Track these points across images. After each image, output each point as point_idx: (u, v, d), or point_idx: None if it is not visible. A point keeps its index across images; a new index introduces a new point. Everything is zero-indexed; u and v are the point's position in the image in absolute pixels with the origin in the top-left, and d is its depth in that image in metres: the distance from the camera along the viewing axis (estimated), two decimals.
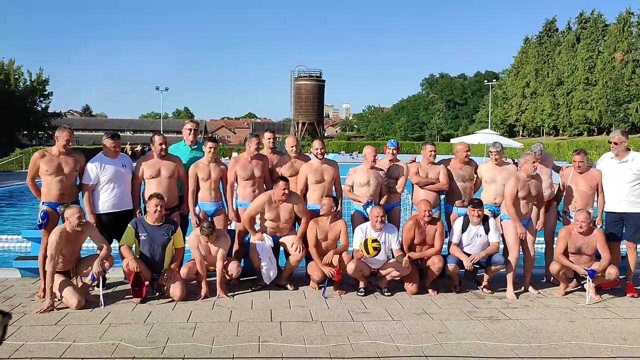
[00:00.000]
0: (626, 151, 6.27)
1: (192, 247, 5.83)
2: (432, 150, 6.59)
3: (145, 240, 5.67)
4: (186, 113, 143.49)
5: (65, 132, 5.75)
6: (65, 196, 5.71)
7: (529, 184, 6.07)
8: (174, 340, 4.50)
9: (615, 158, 6.29)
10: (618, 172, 6.22)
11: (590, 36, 64.43)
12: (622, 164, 6.22)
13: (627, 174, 6.17)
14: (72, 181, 5.83)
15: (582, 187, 6.30)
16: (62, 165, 5.71)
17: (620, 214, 6.22)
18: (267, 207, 6.01)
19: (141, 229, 5.67)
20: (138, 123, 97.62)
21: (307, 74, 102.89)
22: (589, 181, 6.31)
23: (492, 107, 76.22)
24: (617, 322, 5.20)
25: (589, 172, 6.36)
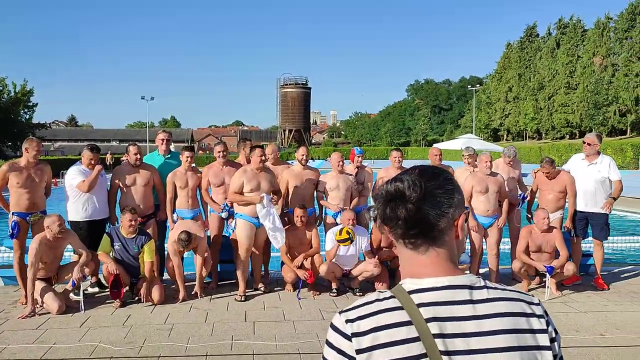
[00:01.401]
0: (597, 154, 6.58)
1: (171, 253, 6.05)
2: (397, 156, 6.89)
3: (120, 249, 5.90)
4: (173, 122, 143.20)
5: (34, 143, 5.94)
6: (35, 206, 5.93)
7: (487, 180, 6.40)
8: (151, 341, 4.73)
9: (585, 160, 6.62)
10: (586, 174, 6.53)
11: (570, 41, 65.59)
12: (591, 166, 6.54)
13: (594, 176, 6.48)
14: (42, 191, 6.06)
15: (554, 191, 6.62)
16: (32, 176, 5.91)
17: (586, 213, 6.55)
18: (245, 179, 6.03)
19: (115, 239, 5.88)
20: (124, 133, 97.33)
21: (293, 82, 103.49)
22: (560, 185, 6.63)
23: (476, 112, 77.11)
24: (572, 315, 5.51)
25: (560, 176, 6.68)
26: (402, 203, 1.08)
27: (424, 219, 1.08)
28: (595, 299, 6.08)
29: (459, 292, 1.08)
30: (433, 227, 1.09)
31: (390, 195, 1.11)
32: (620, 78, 55.76)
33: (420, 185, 1.08)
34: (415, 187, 1.08)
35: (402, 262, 1.15)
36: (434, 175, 1.12)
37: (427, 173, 1.13)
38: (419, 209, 1.08)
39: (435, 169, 1.15)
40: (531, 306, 1.10)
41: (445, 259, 1.11)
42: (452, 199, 1.11)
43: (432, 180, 1.11)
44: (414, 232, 1.09)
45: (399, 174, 1.14)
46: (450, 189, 1.12)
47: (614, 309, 5.71)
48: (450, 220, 1.10)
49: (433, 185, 1.10)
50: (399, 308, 1.06)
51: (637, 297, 6.16)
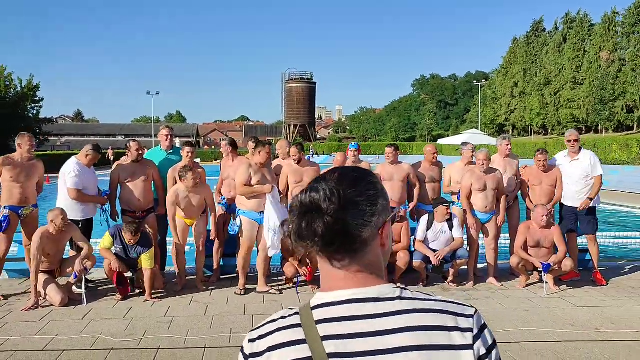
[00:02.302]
0: (579, 150, 6.70)
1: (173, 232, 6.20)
2: (389, 152, 6.94)
3: (119, 251, 5.95)
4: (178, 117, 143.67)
5: (26, 138, 6.04)
6: (27, 200, 6.04)
7: (485, 177, 6.44)
8: (151, 333, 4.81)
9: (567, 156, 6.72)
10: (571, 170, 6.66)
11: (577, 36, 65.13)
12: (574, 162, 6.68)
13: (578, 171, 6.62)
14: (34, 187, 6.18)
15: (545, 185, 6.68)
16: (26, 171, 6.01)
17: (574, 208, 6.62)
18: (252, 172, 6.04)
19: (117, 242, 5.92)
20: (130, 128, 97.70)
21: (298, 76, 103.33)
22: (551, 179, 6.70)
23: (482, 107, 76.83)
24: (568, 310, 5.55)
25: (552, 170, 6.74)
26: (318, 216, 0.96)
27: (344, 231, 0.96)
28: (592, 294, 6.12)
29: (362, 305, 0.98)
30: (355, 239, 0.98)
31: (304, 208, 0.98)
32: (627, 73, 55.37)
33: (339, 194, 0.97)
34: (332, 197, 0.97)
35: (321, 275, 1.05)
36: (355, 181, 1.02)
37: (347, 178, 1.02)
38: (337, 220, 0.96)
39: (356, 172, 1.05)
40: (457, 318, 0.98)
41: (361, 270, 1.00)
42: (375, 206, 1.01)
43: (352, 186, 1.00)
44: (333, 247, 0.97)
45: (314, 181, 1.02)
46: (373, 194, 1.01)
47: (610, 304, 5.74)
48: (374, 229, 1.00)
49: (353, 193, 0.99)
50: (297, 325, 0.99)
51: (635, 292, 6.19)
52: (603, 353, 4.35)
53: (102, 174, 6.85)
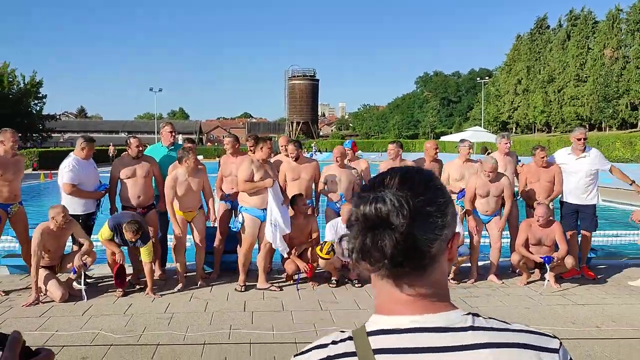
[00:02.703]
0: (584, 148, 6.71)
1: None
2: (392, 149, 6.95)
3: (120, 243, 5.94)
4: (181, 113, 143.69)
5: (9, 134, 5.94)
6: (15, 197, 6.04)
7: (490, 185, 6.43)
8: (151, 329, 4.82)
9: (572, 154, 6.69)
10: (577, 167, 6.63)
11: (581, 33, 64.92)
12: (580, 159, 6.65)
13: (585, 169, 6.59)
14: (19, 183, 6.16)
15: (543, 181, 6.67)
16: (12, 167, 5.97)
17: (575, 205, 6.63)
18: (254, 168, 6.04)
19: (117, 236, 5.90)
20: (133, 124, 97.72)
21: (301, 74, 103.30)
22: (549, 175, 6.69)
23: (485, 105, 76.68)
24: (569, 307, 5.53)
25: (550, 167, 6.73)
26: (386, 232, 0.82)
27: (413, 247, 0.83)
28: (593, 292, 6.10)
29: (429, 336, 0.85)
30: (424, 255, 0.85)
31: (369, 222, 0.84)
32: (631, 70, 55.17)
33: (408, 204, 0.83)
34: (402, 208, 0.83)
35: (375, 292, 0.92)
36: (422, 186, 0.87)
37: (413, 183, 0.87)
38: (408, 236, 0.83)
39: (421, 175, 0.90)
40: (541, 354, 0.85)
41: (427, 291, 0.87)
42: (447, 216, 0.87)
43: (420, 194, 0.86)
44: (403, 268, 0.85)
45: (373, 188, 0.88)
46: (443, 202, 0.87)
47: (611, 301, 5.72)
48: (443, 242, 0.87)
49: (423, 202, 0.85)
50: (351, 354, 0.86)
51: (636, 290, 6.17)
52: (604, 351, 4.33)
53: (102, 170, 6.84)
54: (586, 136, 6.78)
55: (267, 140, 6.15)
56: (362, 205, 0.86)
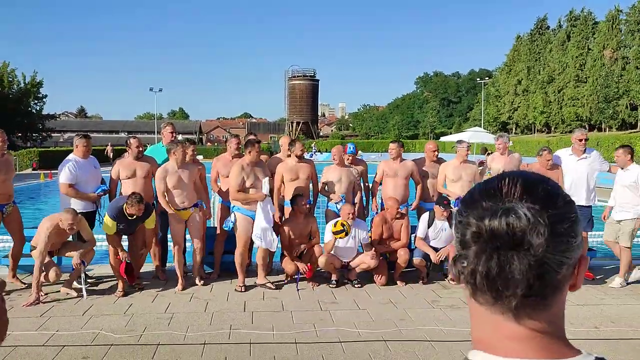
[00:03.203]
0: (585, 149, 6.78)
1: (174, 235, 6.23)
2: (394, 148, 6.96)
3: (123, 228, 5.97)
4: (181, 113, 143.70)
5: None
6: (9, 197, 6.07)
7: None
8: (151, 329, 4.83)
9: (573, 154, 6.73)
10: (577, 168, 6.69)
11: (581, 34, 64.95)
12: (581, 160, 6.70)
13: (586, 169, 6.66)
14: (11, 182, 6.16)
15: None
16: (4, 167, 5.99)
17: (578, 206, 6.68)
18: (245, 175, 6.11)
19: (120, 221, 5.91)
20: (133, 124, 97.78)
21: (301, 74, 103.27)
22: (553, 178, 6.70)
23: (485, 105, 76.68)
24: (568, 308, 5.49)
25: (554, 169, 6.76)
26: (518, 255, 0.68)
27: (543, 274, 0.70)
28: (592, 292, 6.11)
29: None
30: (549, 283, 0.71)
31: (499, 241, 0.69)
32: (631, 71, 55.19)
33: (544, 221, 0.69)
34: (539, 225, 0.69)
35: (475, 318, 0.76)
36: (552, 198, 0.73)
37: (540, 194, 0.72)
38: (541, 262, 0.69)
39: (546, 185, 0.75)
40: None
41: (545, 328, 0.72)
42: (578, 236, 0.73)
43: (552, 206, 0.72)
44: (531, 299, 0.71)
45: (493, 197, 0.73)
46: (575, 218, 0.73)
47: (610, 302, 5.74)
48: (571, 267, 0.72)
49: (556, 217, 0.71)
50: None
51: (635, 291, 6.19)
52: (602, 351, 4.34)
53: (103, 170, 6.84)
54: (587, 137, 6.83)
55: (254, 143, 6.16)
56: (487, 218, 0.70)
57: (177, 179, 6.09)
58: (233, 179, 6.08)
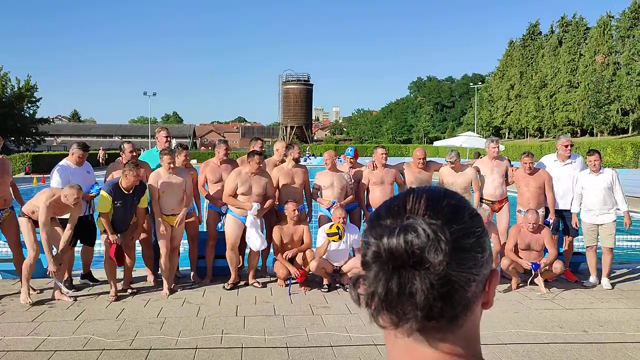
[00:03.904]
0: (570, 154, 6.91)
1: None
2: (383, 153, 6.96)
3: (119, 207, 5.94)
4: (175, 118, 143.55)
5: None
6: (5, 202, 6.06)
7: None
8: (143, 334, 4.84)
9: (558, 160, 6.85)
10: (562, 173, 6.82)
11: (572, 39, 65.55)
12: (566, 166, 6.83)
13: (571, 174, 6.77)
14: (8, 186, 6.15)
15: (532, 187, 6.77)
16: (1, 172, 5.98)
17: (560, 211, 6.78)
18: (239, 182, 6.23)
19: (117, 197, 5.91)
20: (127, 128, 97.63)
21: (295, 78, 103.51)
22: (538, 181, 6.79)
23: (478, 110, 77.09)
24: (557, 312, 5.61)
25: (538, 173, 6.84)
26: (419, 274, 0.65)
27: (449, 292, 0.66)
28: (581, 296, 6.18)
29: None
30: (458, 302, 0.67)
31: (397, 260, 0.66)
32: (622, 77, 55.68)
33: (445, 236, 0.66)
34: (439, 241, 0.65)
35: (390, 349, 0.74)
36: (456, 212, 0.70)
37: (444, 208, 0.70)
38: (445, 279, 0.66)
39: (451, 198, 0.72)
40: None
41: (457, 349, 0.69)
42: (485, 251, 0.70)
43: (456, 221, 0.69)
44: (435, 321, 0.67)
45: (395, 213, 0.70)
46: (481, 232, 0.71)
47: (599, 306, 5.80)
48: (480, 283, 0.70)
49: (460, 232, 0.68)
50: None
51: (623, 295, 6.25)
52: (590, 355, 4.40)
53: (96, 175, 6.85)
54: (572, 143, 6.96)
55: (256, 154, 6.21)
56: (385, 236, 0.66)
57: (167, 185, 6.13)
58: (227, 183, 6.27)
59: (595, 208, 6.54)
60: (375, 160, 7.01)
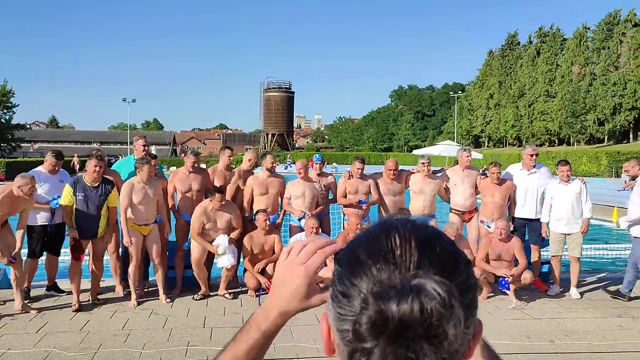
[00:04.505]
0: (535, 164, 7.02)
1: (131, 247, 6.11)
2: (360, 168, 6.93)
3: (82, 200, 5.82)
4: (155, 124, 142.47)
5: None
6: None
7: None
8: (106, 346, 4.74)
9: (523, 169, 6.94)
10: (528, 183, 6.92)
11: (550, 50, 66.84)
12: (531, 175, 6.94)
13: (536, 183, 6.89)
14: None
15: (497, 198, 6.84)
16: None
17: (526, 220, 6.86)
18: (204, 217, 6.25)
19: (79, 189, 5.80)
20: (106, 135, 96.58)
21: (277, 86, 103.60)
22: (504, 192, 6.86)
23: (458, 119, 77.94)
24: (526, 322, 5.64)
25: (506, 184, 6.91)
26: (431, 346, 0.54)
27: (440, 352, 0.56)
28: (550, 306, 6.22)
29: None
30: None
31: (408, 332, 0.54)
32: (597, 87, 56.86)
33: (459, 300, 0.55)
34: (455, 309, 0.55)
35: None
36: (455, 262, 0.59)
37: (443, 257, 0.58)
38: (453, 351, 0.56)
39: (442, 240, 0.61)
40: None
41: None
42: (475, 301, 0.60)
43: (455, 273, 0.57)
44: None
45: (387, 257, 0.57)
46: (474, 282, 0.60)
47: (567, 315, 5.85)
48: (469, 341, 0.59)
49: (461, 288, 0.57)
50: None
51: (592, 304, 6.32)
52: None
53: None
54: (538, 153, 7.06)
55: (216, 192, 6.16)
56: (391, 300, 0.54)
57: (143, 195, 6.04)
58: (193, 221, 6.27)
59: (564, 217, 6.63)
60: (351, 170, 7.01)
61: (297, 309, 0.84)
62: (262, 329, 0.85)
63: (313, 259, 0.82)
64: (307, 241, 0.84)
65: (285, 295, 0.82)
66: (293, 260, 0.82)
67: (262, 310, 0.86)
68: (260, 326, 0.85)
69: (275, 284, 0.83)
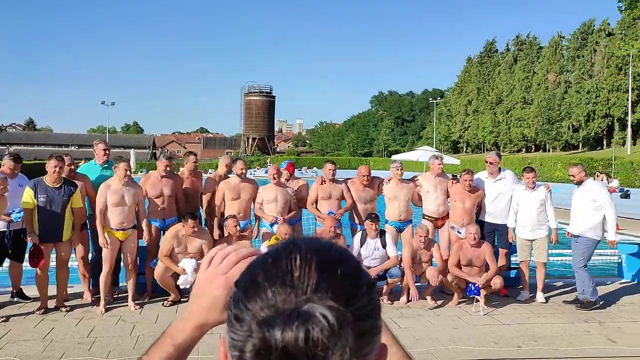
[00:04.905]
0: (499, 171, 7.09)
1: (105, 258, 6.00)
2: (331, 169, 6.96)
3: (45, 201, 5.67)
4: (135, 127, 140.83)
5: None
6: None
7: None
8: (69, 355, 4.65)
9: (489, 177, 7.05)
10: (494, 190, 7.02)
11: (527, 58, 67.97)
12: (496, 182, 7.05)
13: (502, 190, 6.99)
14: None
15: (467, 204, 6.90)
16: None
17: (494, 225, 6.95)
18: (175, 241, 6.11)
19: (40, 191, 5.67)
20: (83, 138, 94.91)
21: (258, 90, 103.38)
22: (474, 199, 6.93)
23: (437, 125, 78.65)
24: (495, 327, 5.68)
25: (477, 193, 6.99)
26: None
27: None
28: (519, 311, 6.28)
29: None
30: None
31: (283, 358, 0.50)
32: (572, 95, 57.95)
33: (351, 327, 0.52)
34: (345, 337, 0.51)
35: None
36: (354, 286, 0.55)
37: (342, 282, 0.54)
38: None
39: (344, 263, 0.57)
40: None
41: None
42: (378, 326, 0.56)
43: (354, 298, 0.54)
44: None
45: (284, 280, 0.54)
46: (377, 306, 0.57)
47: (535, 321, 5.91)
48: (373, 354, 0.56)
49: (360, 313, 0.54)
50: None
51: (559, 309, 6.39)
52: None
53: None
54: (494, 161, 7.09)
55: (189, 218, 5.99)
56: (276, 326, 0.51)
57: (119, 197, 5.90)
58: (163, 243, 6.15)
59: (529, 224, 6.72)
60: (323, 175, 7.01)
61: (217, 321, 0.81)
62: (176, 342, 0.82)
63: (235, 269, 0.78)
64: (229, 250, 0.81)
65: (204, 305, 0.80)
66: (214, 270, 0.80)
67: (178, 322, 0.83)
68: (175, 340, 0.82)
69: (194, 293, 0.81)
